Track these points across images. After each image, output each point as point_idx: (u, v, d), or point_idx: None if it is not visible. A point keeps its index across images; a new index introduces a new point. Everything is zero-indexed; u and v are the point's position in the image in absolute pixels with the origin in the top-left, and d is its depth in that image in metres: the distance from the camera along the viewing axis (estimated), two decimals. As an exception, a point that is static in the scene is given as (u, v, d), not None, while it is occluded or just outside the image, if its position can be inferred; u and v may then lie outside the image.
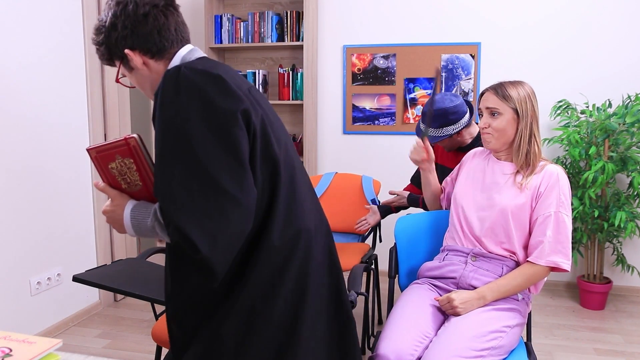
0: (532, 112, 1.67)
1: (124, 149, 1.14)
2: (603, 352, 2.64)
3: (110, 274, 1.63)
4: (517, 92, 1.66)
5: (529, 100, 1.67)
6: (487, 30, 3.49)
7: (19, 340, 1.12)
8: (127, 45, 1.19)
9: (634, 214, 3.02)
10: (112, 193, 1.19)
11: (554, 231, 1.60)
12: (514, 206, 1.64)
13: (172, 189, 1.03)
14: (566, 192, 1.64)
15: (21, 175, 2.56)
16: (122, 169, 1.17)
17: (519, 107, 1.65)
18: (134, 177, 1.18)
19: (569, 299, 3.37)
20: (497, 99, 1.67)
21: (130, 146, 1.14)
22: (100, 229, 3.10)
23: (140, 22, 1.18)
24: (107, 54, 1.23)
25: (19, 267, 2.58)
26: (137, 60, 1.20)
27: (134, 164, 1.16)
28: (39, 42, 2.64)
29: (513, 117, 1.66)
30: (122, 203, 1.17)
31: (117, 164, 1.17)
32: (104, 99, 3.09)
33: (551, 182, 1.63)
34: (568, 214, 1.63)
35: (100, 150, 1.15)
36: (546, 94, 3.45)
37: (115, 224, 1.19)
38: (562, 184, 1.64)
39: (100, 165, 1.18)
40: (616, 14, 3.31)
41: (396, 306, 1.68)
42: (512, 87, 1.68)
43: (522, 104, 1.66)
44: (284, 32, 3.64)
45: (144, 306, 3.19)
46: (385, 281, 3.58)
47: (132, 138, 1.13)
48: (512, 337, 1.57)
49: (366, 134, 3.74)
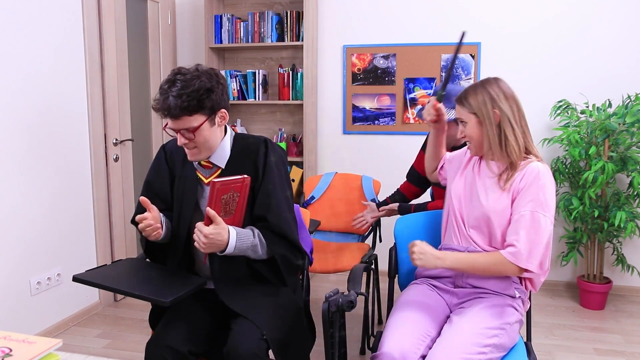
0: (498, 113, 1.63)
1: (239, 185, 1.53)
2: (603, 352, 2.65)
3: (110, 274, 1.63)
4: (475, 99, 1.65)
5: (489, 102, 1.63)
6: (487, 31, 3.49)
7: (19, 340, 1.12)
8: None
9: (634, 213, 3.02)
10: (218, 219, 1.51)
11: (529, 233, 1.54)
12: (495, 210, 1.62)
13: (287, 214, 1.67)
14: (547, 192, 1.57)
15: (21, 175, 2.56)
16: (228, 200, 1.54)
17: (478, 112, 1.64)
18: (232, 207, 1.57)
19: (569, 299, 3.37)
20: (460, 108, 1.69)
21: (244, 184, 1.54)
22: (100, 229, 3.10)
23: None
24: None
25: (19, 267, 2.58)
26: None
27: (239, 197, 1.56)
28: (39, 42, 2.64)
29: (477, 122, 1.66)
30: (226, 227, 1.53)
31: (228, 195, 1.52)
32: (104, 99, 3.09)
33: (530, 180, 1.58)
34: (546, 214, 1.56)
35: (224, 184, 1.48)
36: (546, 94, 3.45)
37: (214, 246, 1.53)
38: (543, 183, 1.57)
39: (217, 195, 1.48)
40: (616, 14, 3.31)
41: (396, 305, 1.69)
42: (472, 93, 1.67)
43: (482, 108, 1.64)
44: (284, 32, 3.64)
45: (144, 306, 3.19)
46: (385, 281, 3.57)
47: (247, 178, 1.55)
48: (512, 334, 1.58)
49: (366, 134, 3.74)
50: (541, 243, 1.55)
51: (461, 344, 1.45)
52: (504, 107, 1.63)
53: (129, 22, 3.29)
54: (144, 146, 3.57)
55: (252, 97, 3.73)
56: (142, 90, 3.53)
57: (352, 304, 1.57)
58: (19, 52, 2.52)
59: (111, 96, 3.14)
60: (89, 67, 2.96)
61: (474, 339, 1.47)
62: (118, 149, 3.21)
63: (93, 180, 3.03)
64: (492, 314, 1.56)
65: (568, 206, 3.11)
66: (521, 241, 1.54)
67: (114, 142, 3.17)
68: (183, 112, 1.53)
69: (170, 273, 1.69)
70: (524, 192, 1.58)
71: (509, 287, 1.65)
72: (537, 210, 1.55)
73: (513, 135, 1.63)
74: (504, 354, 1.57)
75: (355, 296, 1.59)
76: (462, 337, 1.47)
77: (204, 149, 1.64)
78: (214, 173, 1.72)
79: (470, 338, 1.47)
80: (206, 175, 1.72)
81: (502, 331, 1.54)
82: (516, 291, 1.65)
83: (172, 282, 1.59)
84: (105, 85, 3.09)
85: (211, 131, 1.62)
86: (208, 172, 1.72)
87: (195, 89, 1.54)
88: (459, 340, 1.46)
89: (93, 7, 2.98)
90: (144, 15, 3.51)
